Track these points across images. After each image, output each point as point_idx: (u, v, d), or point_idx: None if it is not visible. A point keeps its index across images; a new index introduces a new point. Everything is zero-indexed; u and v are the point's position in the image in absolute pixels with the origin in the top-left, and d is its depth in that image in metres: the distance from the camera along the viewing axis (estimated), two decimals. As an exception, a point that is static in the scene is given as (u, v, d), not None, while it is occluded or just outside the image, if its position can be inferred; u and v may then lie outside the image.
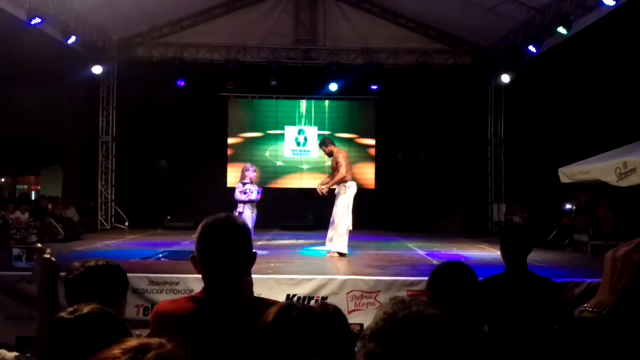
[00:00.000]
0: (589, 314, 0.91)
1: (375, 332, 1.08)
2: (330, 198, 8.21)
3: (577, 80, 11.85)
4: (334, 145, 8.26)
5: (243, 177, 8.06)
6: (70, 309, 1.41)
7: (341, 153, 8.09)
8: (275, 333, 1.26)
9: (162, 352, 0.93)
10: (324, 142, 8.35)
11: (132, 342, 0.95)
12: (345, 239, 7.88)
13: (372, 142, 14.52)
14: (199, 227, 1.81)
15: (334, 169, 8.01)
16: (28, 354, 1.79)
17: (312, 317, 1.35)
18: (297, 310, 1.33)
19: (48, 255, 1.95)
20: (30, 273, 2.06)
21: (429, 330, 1.07)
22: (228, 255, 1.77)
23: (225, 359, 1.27)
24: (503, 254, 3.03)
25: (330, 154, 8.15)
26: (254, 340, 1.26)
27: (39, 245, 1.98)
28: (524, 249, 3.00)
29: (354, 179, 8.04)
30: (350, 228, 7.93)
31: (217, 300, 1.75)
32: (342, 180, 7.85)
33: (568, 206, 11.66)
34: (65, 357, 1.31)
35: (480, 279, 2.67)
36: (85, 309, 1.38)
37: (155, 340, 0.96)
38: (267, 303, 1.54)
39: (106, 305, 1.47)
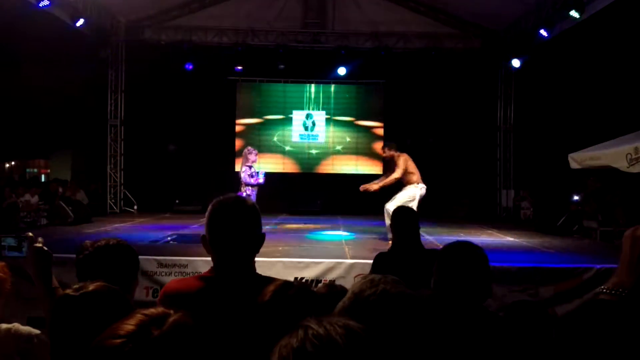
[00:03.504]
0: (606, 297, 0.86)
1: (343, 310, 1.12)
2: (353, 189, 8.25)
3: (589, 65, 11.65)
4: (396, 150, 8.02)
5: (246, 160, 8.10)
6: (76, 286, 1.41)
7: (402, 156, 7.88)
8: (271, 312, 1.26)
9: (166, 329, 0.91)
10: (389, 145, 8.16)
11: (134, 321, 0.93)
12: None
13: (380, 127, 14.45)
14: (209, 207, 1.82)
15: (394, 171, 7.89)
16: (40, 332, 1.80)
17: (308, 296, 1.35)
18: (293, 289, 1.33)
19: (40, 245, 1.94)
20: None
21: (393, 308, 1.09)
22: (237, 235, 1.77)
23: (234, 337, 1.28)
24: (393, 232, 3.71)
25: (389, 158, 8.03)
26: (251, 319, 1.26)
27: (30, 234, 1.97)
28: (412, 227, 3.56)
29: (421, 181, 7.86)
30: None
31: (226, 279, 1.75)
32: (409, 182, 7.76)
33: (576, 198, 11.49)
34: (69, 334, 1.31)
35: (491, 264, 2.66)
36: (91, 287, 1.39)
37: (158, 311, 0.94)
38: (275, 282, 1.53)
39: (116, 284, 1.47)
